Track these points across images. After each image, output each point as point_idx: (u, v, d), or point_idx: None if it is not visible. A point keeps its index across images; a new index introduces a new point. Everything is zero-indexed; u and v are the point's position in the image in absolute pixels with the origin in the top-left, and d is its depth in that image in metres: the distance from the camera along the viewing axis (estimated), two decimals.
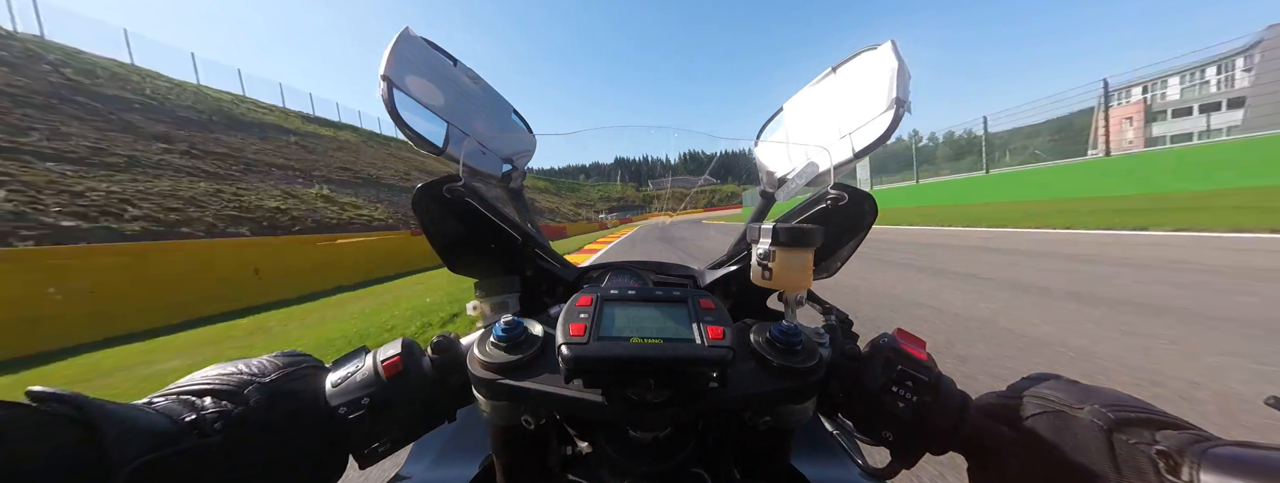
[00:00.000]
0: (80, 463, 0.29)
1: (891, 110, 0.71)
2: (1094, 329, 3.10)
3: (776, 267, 0.55)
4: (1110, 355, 2.65)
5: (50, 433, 0.28)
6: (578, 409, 0.40)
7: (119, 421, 0.31)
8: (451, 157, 0.79)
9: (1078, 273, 4.87)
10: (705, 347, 0.38)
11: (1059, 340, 2.95)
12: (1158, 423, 0.35)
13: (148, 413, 0.35)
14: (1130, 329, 3.03)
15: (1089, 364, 2.56)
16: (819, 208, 0.69)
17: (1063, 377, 0.44)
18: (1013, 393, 0.44)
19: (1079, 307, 3.66)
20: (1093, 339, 2.92)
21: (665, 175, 4.25)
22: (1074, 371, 2.11)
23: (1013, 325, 3.32)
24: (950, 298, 4.29)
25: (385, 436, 0.45)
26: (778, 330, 0.44)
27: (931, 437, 0.45)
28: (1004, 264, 5.76)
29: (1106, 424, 0.36)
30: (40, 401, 0.29)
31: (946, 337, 3.16)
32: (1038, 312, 3.62)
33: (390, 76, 0.75)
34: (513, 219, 0.78)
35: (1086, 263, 5.36)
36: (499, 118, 0.99)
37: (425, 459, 0.81)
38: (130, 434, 0.31)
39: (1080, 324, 3.23)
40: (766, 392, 0.42)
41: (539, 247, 0.82)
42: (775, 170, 0.93)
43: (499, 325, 0.44)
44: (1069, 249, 6.38)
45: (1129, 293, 3.91)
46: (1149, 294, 3.81)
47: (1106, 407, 0.37)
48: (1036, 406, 0.41)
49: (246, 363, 0.43)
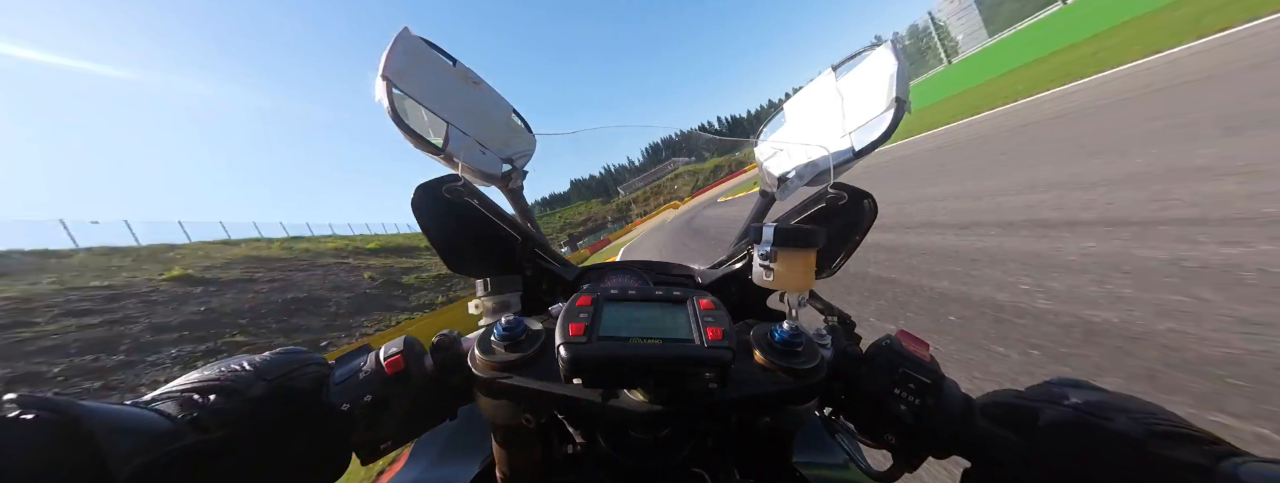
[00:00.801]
0: (76, 467, 0.29)
1: (891, 110, 0.71)
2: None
3: (778, 267, 0.55)
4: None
5: (40, 440, 0.28)
6: (577, 409, 0.40)
7: (112, 422, 0.31)
8: (451, 156, 0.79)
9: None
10: (705, 347, 0.38)
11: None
12: (1190, 437, 0.34)
13: (145, 413, 0.34)
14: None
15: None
16: (819, 208, 0.69)
17: (1088, 383, 0.42)
18: (1029, 397, 0.43)
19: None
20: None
21: (633, 178, 4.20)
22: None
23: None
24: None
25: (387, 433, 0.45)
26: (779, 331, 0.44)
27: (934, 440, 0.44)
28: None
29: (1142, 435, 0.34)
30: (24, 407, 0.28)
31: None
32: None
33: (389, 77, 0.74)
34: (513, 219, 0.78)
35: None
36: (499, 118, 0.99)
37: (427, 457, 0.81)
38: (126, 435, 0.31)
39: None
40: (767, 393, 0.42)
41: (539, 246, 0.82)
42: (775, 170, 0.93)
43: (500, 325, 0.44)
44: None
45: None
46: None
47: (1140, 419, 0.35)
48: (1058, 413, 0.39)
49: (250, 360, 0.43)
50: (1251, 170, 2.82)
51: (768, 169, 0.95)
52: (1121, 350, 1.90)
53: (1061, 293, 2.45)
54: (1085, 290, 2.38)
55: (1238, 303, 1.90)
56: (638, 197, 6.80)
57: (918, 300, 3.04)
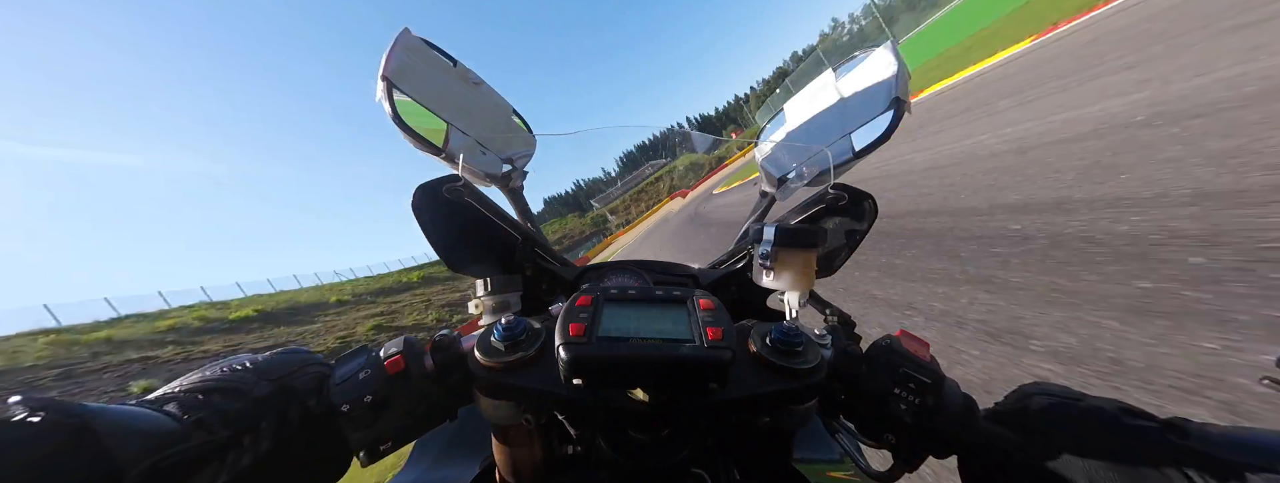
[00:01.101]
0: (85, 469, 0.29)
1: (891, 110, 0.71)
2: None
3: (778, 267, 0.55)
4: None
5: (49, 442, 0.28)
6: (576, 409, 0.40)
7: (120, 424, 0.31)
8: (451, 156, 0.79)
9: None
10: (705, 348, 0.38)
11: None
12: (1151, 415, 0.37)
13: (152, 414, 0.34)
14: None
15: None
16: (819, 208, 0.69)
17: (1068, 388, 0.44)
18: (1018, 397, 0.44)
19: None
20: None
21: (609, 188, 4.20)
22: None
23: None
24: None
25: (387, 434, 0.45)
26: (778, 331, 0.44)
27: (935, 440, 0.44)
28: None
29: (1113, 409, 0.37)
30: (31, 409, 0.28)
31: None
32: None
33: (389, 77, 0.75)
34: (513, 219, 0.78)
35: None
36: (499, 118, 0.99)
37: (427, 458, 0.81)
38: (134, 436, 0.31)
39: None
40: (766, 393, 0.42)
41: (539, 246, 0.82)
42: (776, 170, 0.93)
43: (500, 325, 0.44)
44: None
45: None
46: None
47: (1107, 400, 0.39)
48: (1056, 413, 0.40)
49: (252, 360, 0.43)
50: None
51: (768, 169, 0.95)
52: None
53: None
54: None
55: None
56: (617, 206, 6.60)
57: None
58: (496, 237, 0.76)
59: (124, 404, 0.35)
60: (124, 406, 0.34)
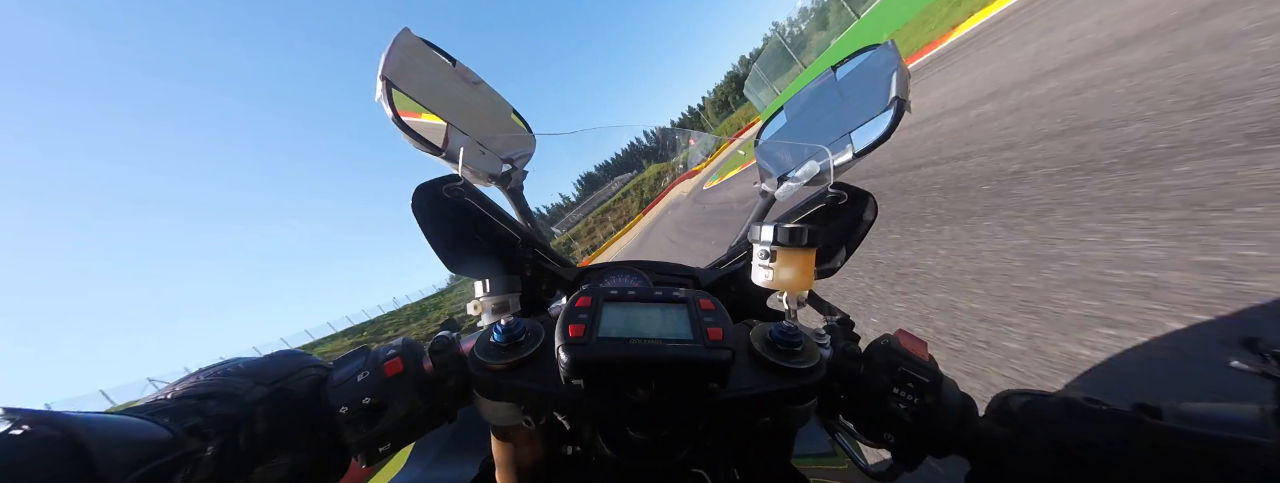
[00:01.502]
0: (72, 481, 0.28)
1: (891, 109, 0.71)
2: None
3: (777, 267, 0.55)
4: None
5: (32, 455, 0.27)
6: (576, 410, 0.40)
7: (109, 434, 0.31)
8: (451, 156, 0.79)
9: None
10: (705, 348, 0.38)
11: None
12: (1114, 403, 0.40)
13: (143, 423, 0.34)
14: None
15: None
16: (819, 208, 0.69)
17: (1050, 390, 0.45)
18: (1001, 400, 0.44)
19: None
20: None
21: (568, 212, 4.29)
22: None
23: None
24: None
25: (386, 436, 0.45)
26: (778, 331, 0.44)
27: (933, 439, 0.44)
28: None
29: (1081, 400, 0.39)
30: (16, 422, 0.28)
31: None
32: None
33: (388, 77, 0.74)
34: (512, 219, 0.78)
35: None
36: (499, 118, 0.99)
37: (426, 459, 0.81)
38: (123, 446, 0.31)
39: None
40: (766, 393, 0.42)
41: (539, 246, 0.82)
42: (775, 170, 0.93)
43: (499, 325, 0.44)
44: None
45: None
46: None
47: (1073, 392, 0.40)
48: (1053, 411, 0.41)
49: (248, 364, 0.43)
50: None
51: (768, 169, 0.95)
52: None
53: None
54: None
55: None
56: (580, 231, 6.23)
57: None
58: (496, 237, 0.76)
59: (114, 414, 0.34)
60: (114, 415, 0.34)
